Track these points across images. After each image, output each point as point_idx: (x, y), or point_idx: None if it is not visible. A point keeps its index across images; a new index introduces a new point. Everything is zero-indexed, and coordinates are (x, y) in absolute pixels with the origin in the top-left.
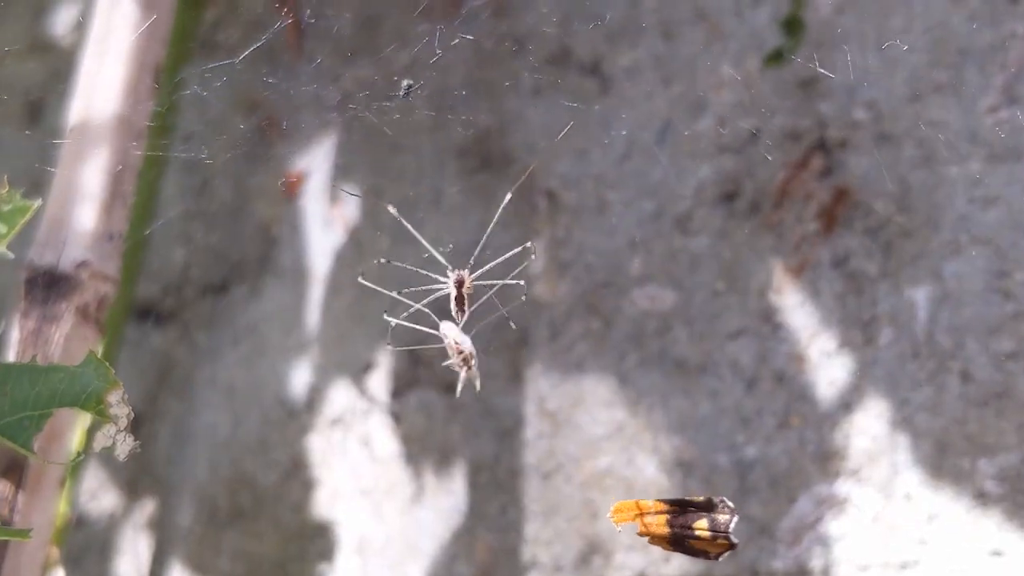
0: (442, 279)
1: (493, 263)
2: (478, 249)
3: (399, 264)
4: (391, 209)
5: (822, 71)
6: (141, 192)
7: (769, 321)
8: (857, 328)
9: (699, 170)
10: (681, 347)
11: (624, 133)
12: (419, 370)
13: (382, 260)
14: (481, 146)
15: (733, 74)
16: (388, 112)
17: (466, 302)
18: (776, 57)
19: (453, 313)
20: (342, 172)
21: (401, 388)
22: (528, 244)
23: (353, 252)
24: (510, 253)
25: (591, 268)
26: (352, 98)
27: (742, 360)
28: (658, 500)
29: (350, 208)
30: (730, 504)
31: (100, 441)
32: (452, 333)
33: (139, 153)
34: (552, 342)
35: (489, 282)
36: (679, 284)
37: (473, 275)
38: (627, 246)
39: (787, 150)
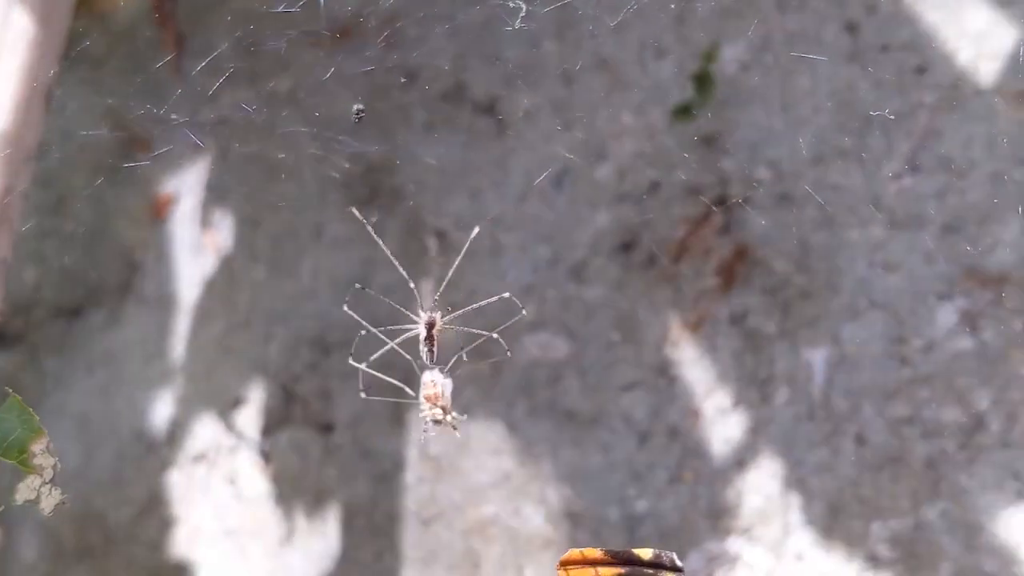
0: (413, 317)
1: (466, 308)
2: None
3: (374, 294)
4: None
5: (723, 129)
6: None
7: (664, 375)
8: (753, 386)
9: (597, 218)
10: (573, 397)
11: (520, 176)
12: (293, 407)
13: (357, 285)
14: (368, 179)
15: (635, 124)
16: (268, 138)
17: (435, 345)
18: (683, 111)
19: (423, 356)
20: (216, 197)
21: (272, 426)
22: (507, 294)
23: (224, 280)
24: (486, 301)
25: (482, 312)
26: (229, 122)
27: (635, 413)
28: (604, 551)
29: (223, 234)
30: (679, 563)
31: (23, 493)
32: (438, 380)
33: (28, 175)
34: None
35: (459, 328)
36: (573, 333)
37: (446, 319)
38: (520, 291)
39: (688, 204)
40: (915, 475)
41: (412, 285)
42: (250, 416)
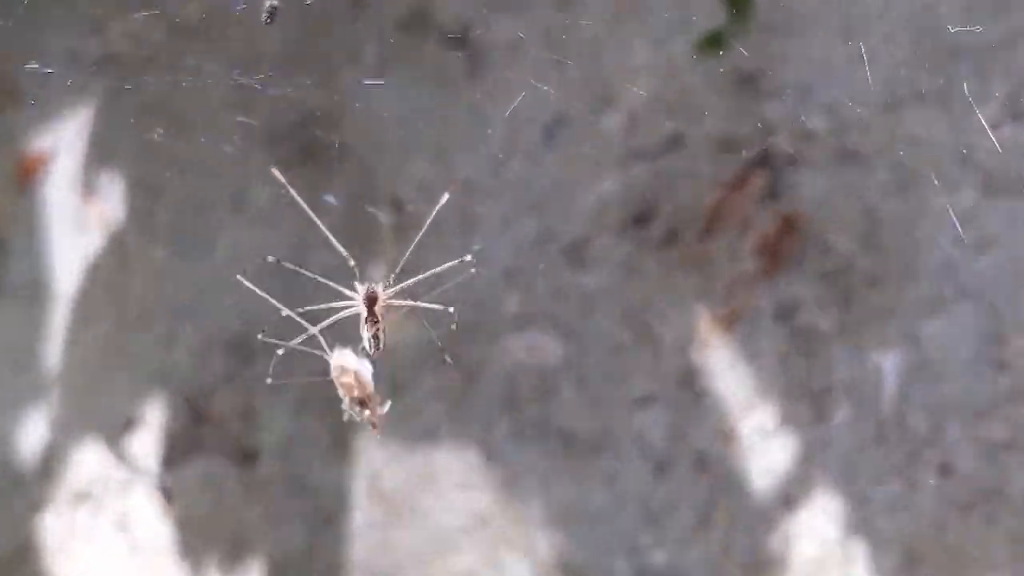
0: (348, 293)
1: (417, 278)
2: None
3: (292, 267)
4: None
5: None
6: None
7: (689, 386)
8: (804, 400)
9: (600, 183)
10: (569, 415)
11: (501, 128)
12: (204, 430)
13: (269, 259)
14: (304, 134)
15: (651, 59)
16: (172, 80)
17: (381, 326)
18: (713, 41)
19: (364, 341)
20: (103, 156)
21: (177, 454)
22: (468, 257)
23: (114, 264)
24: (443, 267)
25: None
26: (120, 59)
27: (651, 436)
28: None
29: (112, 204)
30: None
31: None
32: (349, 365)
33: None
34: (393, 401)
35: (406, 303)
36: (569, 332)
37: (391, 290)
38: (500, 278)
39: (720, 164)
40: (1016, 514)
41: (352, 263)
42: (147, 442)
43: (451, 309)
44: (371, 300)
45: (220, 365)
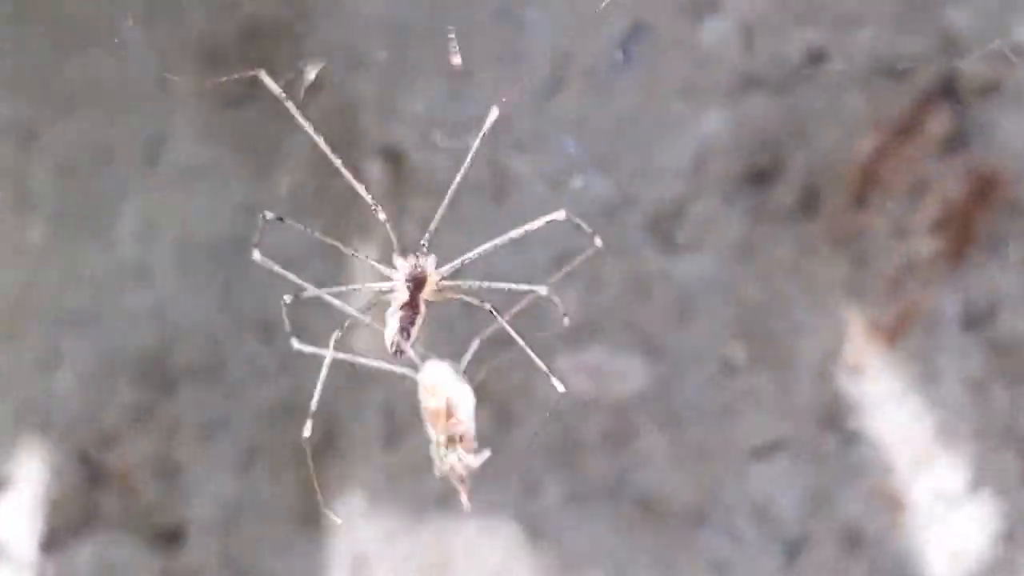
0: (383, 270)
1: (477, 251)
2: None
3: (305, 230)
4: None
5: None
6: None
7: (833, 427)
8: (1011, 450)
9: (700, 122)
10: (656, 471)
11: (546, 41)
12: (103, 495)
13: (268, 215)
14: (252, 50)
15: None
16: None
17: (421, 318)
18: None
19: (388, 333)
20: None
21: (63, 530)
22: (560, 214)
23: None
24: (529, 226)
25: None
26: None
27: (778, 501)
28: None
29: None
30: None
31: None
32: (445, 383)
33: None
34: (390, 448)
35: (473, 284)
36: (653, 345)
37: (444, 269)
38: (550, 262)
39: (880, 95)
40: None
41: (387, 221)
42: (18, 512)
43: (544, 291)
44: (417, 282)
45: (126, 397)
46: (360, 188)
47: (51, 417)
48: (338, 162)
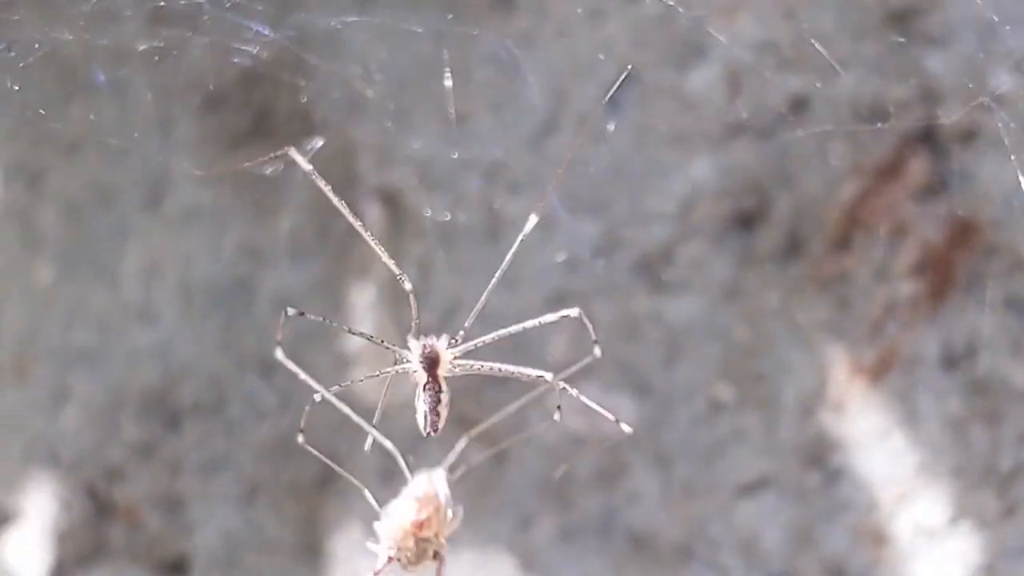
0: (395, 351)
1: (492, 335)
2: None
3: (318, 320)
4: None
5: None
6: None
7: (817, 464)
8: (989, 487)
9: (687, 167)
10: (646, 508)
11: (541, 87)
12: (109, 528)
13: (289, 311)
14: (253, 95)
15: None
16: (61, 20)
17: (446, 398)
18: None
19: (419, 416)
20: None
21: (71, 561)
22: (576, 311)
23: None
24: (533, 322)
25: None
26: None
27: (764, 538)
28: None
29: None
30: None
31: None
32: (441, 492)
33: None
34: (388, 484)
35: (485, 365)
36: (644, 384)
37: (457, 349)
38: (544, 304)
39: (862, 139)
40: None
41: (409, 287)
42: (28, 543)
43: (547, 376)
44: (430, 360)
45: (131, 433)
46: (384, 255)
47: (59, 452)
48: (359, 224)
